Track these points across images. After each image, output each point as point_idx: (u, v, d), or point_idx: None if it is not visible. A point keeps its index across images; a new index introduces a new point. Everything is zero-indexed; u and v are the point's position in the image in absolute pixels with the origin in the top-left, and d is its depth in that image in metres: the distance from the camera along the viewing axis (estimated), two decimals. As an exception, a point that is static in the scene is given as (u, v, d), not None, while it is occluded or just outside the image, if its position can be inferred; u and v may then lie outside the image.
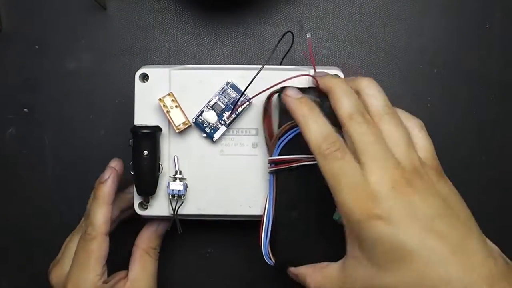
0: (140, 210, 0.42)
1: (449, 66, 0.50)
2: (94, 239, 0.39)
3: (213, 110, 0.42)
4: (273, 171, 0.40)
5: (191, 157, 0.42)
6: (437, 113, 0.49)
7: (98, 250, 0.39)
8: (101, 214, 0.40)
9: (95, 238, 0.39)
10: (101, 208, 0.40)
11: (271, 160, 0.39)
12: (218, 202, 0.42)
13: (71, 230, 0.44)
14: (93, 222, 0.40)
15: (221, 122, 0.42)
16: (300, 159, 0.38)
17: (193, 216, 0.43)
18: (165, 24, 0.50)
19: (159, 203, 0.42)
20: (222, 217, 0.43)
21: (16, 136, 0.50)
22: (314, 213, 0.39)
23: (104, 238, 0.40)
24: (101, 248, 0.39)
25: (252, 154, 0.42)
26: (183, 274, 0.50)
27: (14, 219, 0.50)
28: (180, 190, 0.41)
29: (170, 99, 0.41)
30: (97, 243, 0.39)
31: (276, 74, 0.40)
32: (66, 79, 0.50)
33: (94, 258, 0.39)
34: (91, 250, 0.39)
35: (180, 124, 0.41)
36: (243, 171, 0.42)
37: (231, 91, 0.42)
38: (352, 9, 0.50)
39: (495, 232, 0.50)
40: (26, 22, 0.50)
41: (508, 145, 0.50)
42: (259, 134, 0.42)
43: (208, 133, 0.42)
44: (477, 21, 0.50)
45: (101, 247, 0.39)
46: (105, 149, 0.49)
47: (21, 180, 0.50)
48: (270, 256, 0.40)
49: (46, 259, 0.44)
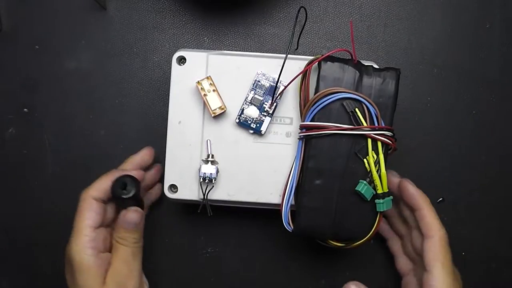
0: (170, 194, 0.43)
1: (449, 66, 0.50)
2: (84, 200, 0.40)
3: (252, 104, 0.42)
4: (303, 137, 0.40)
5: (224, 142, 0.42)
6: (437, 113, 0.49)
7: (86, 210, 0.40)
8: (98, 182, 0.41)
9: (84, 199, 0.40)
10: (102, 178, 0.41)
11: (302, 126, 0.40)
12: (249, 189, 0.42)
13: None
14: (88, 187, 0.41)
15: (263, 114, 0.42)
16: (331, 127, 0.39)
17: (223, 202, 0.43)
18: (165, 24, 0.50)
19: (189, 187, 0.42)
20: (250, 205, 0.43)
21: (16, 136, 0.50)
22: (338, 183, 0.40)
23: (92, 201, 0.40)
24: (89, 208, 0.40)
25: (286, 143, 0.42)
26: (183, 274, 0.50)
27: (14, 219, 0.50)
28: (212, 174, 0.41)
29: (208, 83, 0.41)
30: (85, 204, 0.40)
31: (301, 62, 0.41)
32: (66, 79, 0.50)
33: (83, 218, 0.40)
34: (80, 210, 0.40)
35: (216, 108, 0.41)
36: (276, 159, 0.42)
37: (265, 81, 0.42)
38: (352, 9, 0.50)
39: (495, 231, 0.50)
40: (26, 22, 0.50)
41: (508, 145, 0.50)
42: (293, 123, 0.42)
43: (254, 128, 0.42)
44: (477, 21, 0.50)
45: (89, 207, 0.40)
46: (105, 149, 0.49)
47: (21, 180, 0.50)
48: (290, 222, 0.41)
49: (46, 259, 0.44)
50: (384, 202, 0.39)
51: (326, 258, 0.50)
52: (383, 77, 0.39)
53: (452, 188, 0.49)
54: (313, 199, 0.40)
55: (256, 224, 0.49)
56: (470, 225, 0.50)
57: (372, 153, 0.39)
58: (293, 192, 0.41)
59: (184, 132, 0.42)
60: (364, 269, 0.49)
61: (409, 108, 0.49)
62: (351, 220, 0.40)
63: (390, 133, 0.39)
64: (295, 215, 0.41)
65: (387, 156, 0.40)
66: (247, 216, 0.48)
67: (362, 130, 0.39)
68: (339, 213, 0.40)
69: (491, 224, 0.50)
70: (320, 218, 0.40)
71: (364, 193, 0.39)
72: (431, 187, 0.49)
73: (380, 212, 0.40)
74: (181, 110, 0.42)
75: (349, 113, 0.39)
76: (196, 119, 0.42)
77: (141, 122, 0.49)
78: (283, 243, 0.49)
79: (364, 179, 0.39)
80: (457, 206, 0.50)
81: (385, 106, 0.39)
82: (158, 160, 0.47)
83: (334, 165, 0.40)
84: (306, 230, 0.40)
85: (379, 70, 0.40)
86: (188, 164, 0.42)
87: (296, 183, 0.40)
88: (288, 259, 0.50)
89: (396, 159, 0.43)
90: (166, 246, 0.50)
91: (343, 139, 0.39)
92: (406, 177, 0.43)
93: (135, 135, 0.49)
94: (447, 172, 0.50)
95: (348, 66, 0.39)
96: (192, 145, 0.42)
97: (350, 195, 0.40)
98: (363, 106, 0.39)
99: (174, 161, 0.43)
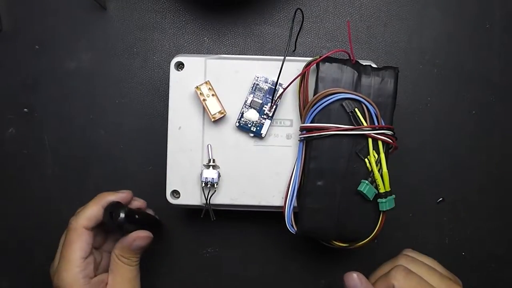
0: (172, 199, 0.43)
1: (449, 66, 0.50)
2: (74, 230, 0.40)
3: (252, 108, 0.42)
4: (303, 138, 0.40)
5: (224, 147, 0.42)
6: (437, 113, 0.49)
7: (78, 241, 0.39)
8: (87, 210, 0.40)
9: (75, 229, 0.40)
10: (91, 206, 0.40)
11: (302, 127, 0.40)
12: (251, 193, 0.42)
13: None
14: (77, 215, 0.40)
15: (263, 117, 0.42)
16: (331, 128, 0.39)
17: (226, 206, 0.43)
18: (165, 24, 0.50)
19: (191, 192, 0.42)
20: (253, 208, 0.43)
21: (16, 136, 0.50)
22: (340, 184, 0.40)
23: (83, 231, 0.40)
24: (80, 239, 0.40)
25: (287, 145, 0.42)
26: (183, 274, 0.50)
27: (14, 219, 0.50)
28: (213, 178, 0.41)
29: (207, 88, 0.41)
30: (76, 234, 0.40)
31: (299, 64, 0.41)
32: (66, 79, 0.50)
33: (74, 250, 0.39)
34: (71, 240, 0.40)
35: (216, 113, 0.41)
36: (277, 162, 0.42)
37: (263, 84, 0.42)
38: (352, 9, 0.50)
39: (495, 231, 0.50)
40: (26, 22, 0.50)
41: (508, 145, 0.50)
42: (293, 125, 0.42)
43: (255, 132, 0.42)
44: (477, 21, 0.50)
45: (80, 238, 0.40)
46: (105, 149, 0.49)
47: (21, 180, 0.50)
48: (293, 223, 0.41)
49: (46, 259, 0.44)
50: (386, 201, 0.39)
51: (326, 258, 0.50)
52: (381, 76, 0.39)
53: (452, 188, 0.49)
54: (315, 201, 0.40)
55: (255, 224, 0.49)
56: (470, 225, 0.50)
57: (373, 152, 0.39)
58: (296, 194, 0.41)
59: (185, 138, 0.43)
60: (364, 269, 0.49)
61: (409, 108, 0.49)
62: (354, 220, 0.40)
63: (390, 132, 0.39)
64: (298, 216, 0.41)
65: (388, 155, 0.40)
66: (247, 217, 0.48)
67: (363, 130, 0.39)
68: (342, 213, 0.40)
69: (491, 224, 0.50)
70: (323, 219, 0.40)
71: (366, 193, 0.39)
72: (431, 187, 0.49)
73: (383, 211, 0.40)
74: (181, 116, 0.42)
75: (348, 113, 0.39)
76: (196, 124, 0.42)
77: (141, 122, 0.49)
78: (283, 243, 0.49)
79: (366, 179, 0.39)
80: (457, 206, 0.50)
81: (384, 105, 0.39)
82: (158, 163, 0.47)
83: (335, 165, 0.40)
84: (310, 231, 0.40)
85: (378, 69, 0.40)
86: (189, 169, 0.42)
87: (298, 185, 0.40)
88: (288, 259, 0.50)
89: (396, 159, 0.43)
90: (166, 246, 0.50)
91: (344, 139, 0.39)
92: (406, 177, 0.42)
93: (135, 135, 0.49)
94: (447, 172, 0.50)
95: (346, 66, 0.39)
96: (193, 150, 0.42)
97: (352, 195, 0.40)
98: (363, 106, 0.39)
99: (175, 166, 0.43)
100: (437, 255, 0.45)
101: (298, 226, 0.40)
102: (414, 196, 0.49)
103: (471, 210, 0.50)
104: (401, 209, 0.48)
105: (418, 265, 0.39)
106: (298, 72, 0.40)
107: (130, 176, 0.49)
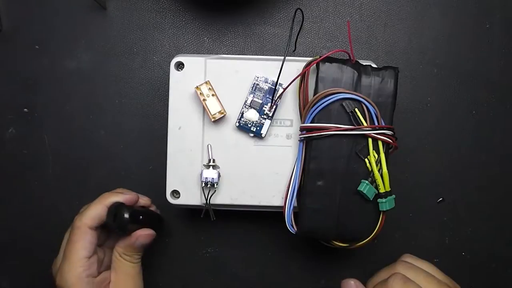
0: (172, 199, 0.43)
1: (449, 66, 0.50)
2: (78, 228, 0.40)
3: (252, 108, 0.42)
4: (303, 138, 0.40)
5: (224, 146, 0.42)
6: (437, 113, 0.49)
7: (81, 240, 0.39)
8: (92, 209, 0.40)
9: (79, 228, 0.40)
10: (95, 205, 0.40)
11: (302, 127, 0.40)
12: (251, 192, 0.43)
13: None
14: (81, 214, 0.40)
15: (263, 117, 0.42)
16: (331, 128, 0.39)
17: (226, 206, 0.43)
18: (165, 24, 0.50)
19: (191, 192, 0.43)
20: (253, 208, 0.43)
21: (16, 136, 0.50)
22: (340, 184, 0.40)
23: (87, 230, 0.40)
24: (84, 238, 0.40)
25: (287, 145, 0.43)
26: (183, 274, 0.50)
27: (14, 219, 0.50)
28: (213, 178, 0.41)
29: (207, 87, 0.41)
30: (80, 233, 0.40)
31: (299, 64, 0.41)
32: (66, 79, 0.50)
33: (77, 249, 0.39)
34: (75, 239, 0.40)
35: (216, 113, 0.41)
36: (277, 162, 0.42)
37: (263, 84, 0.42)
38: (352, 9, 0.50)
39: (495, 231, 0.50)
40: (26, 22, 0.50)
41: (508, 145, 0.50)
42: (293, 125, 0.42)
43: (255, 132, 0.42)
44: (477, 21, 0.50)
45: (84, 237, 0.40)
46: (105, 149, 0.49)
47: (21, 180, 0.50)
48: (293, 223, 0.41)
49: (46, 259, 0.44)
50: (386, 201, 0.39)
51: (326, 258, 0.50)
52: (381, 76, 0.39)
53: (452, 188, 0.49)
54: (315, 201, 0.40)
55: (255, 224, 0.49)
56: (470, 225, 0.50)
57: (373, 152, 0.39)
58: (296, 194, 0.41)
59: (185, 138, 0.43)
60: (364, 269, 0.49)
61: (409, 108, 0.49)
62: (354, 220, 0.40)
63: (390, 132, 0.39)
64: (298, 216, 0.41)
65: (388, 155, 0.40)
66: (247, 217, 0.48)
67: (363, 130, 0.39)
68: (342, 213, 0.40)
69: (491, 224, 0.50)
70: (323, 219, 0.40)
71: (366, 193, 0.39)
72: (431, 187, 0.49)
73: (383, 211, 0.40)
74: (181, 116, 0.43)
75: (349, 113, 0.39)
76: (196, 124, 0.42)
77: (141, 122, 0.49)
78: (283, 243, 0.49)
79: (366, 179, 0.39)
80: (457, 206, 0.50)
81: (384, 105, 0.39)
82: (158, 163, 0.47)
83: (335, 165, 0.40)
84: (310, 231, 0.40)
85: (378, 69, 0.40)
86: (189, 169, 0.42)
87: (298, 185, 0.40)
88: (288, 259, 0.50)
89: (396, 159, 0.43)
90: (166, 246, 0.50)
91: (344, 139, 0.39)
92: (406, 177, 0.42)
93: (135, 135, 0.49)
94: (447, 172, 0.50)
95: (346, 66, 0.39)
96: (193, 150, 0.42)
97: (352, 195, 0.40)
98: (363, 106, 0.39)
99: (175, 167, 0.43)
100: (437, 255, 0.46)
101: (298, 226, 0.40)
102: (414, 196, 0.49)
103: (471, 210, 0.50)
104: (401, 209, 0.48)
105: (416, 272, 0.39)
106: (298, 72, 0.40)
107: (130, 176, 0.49)
